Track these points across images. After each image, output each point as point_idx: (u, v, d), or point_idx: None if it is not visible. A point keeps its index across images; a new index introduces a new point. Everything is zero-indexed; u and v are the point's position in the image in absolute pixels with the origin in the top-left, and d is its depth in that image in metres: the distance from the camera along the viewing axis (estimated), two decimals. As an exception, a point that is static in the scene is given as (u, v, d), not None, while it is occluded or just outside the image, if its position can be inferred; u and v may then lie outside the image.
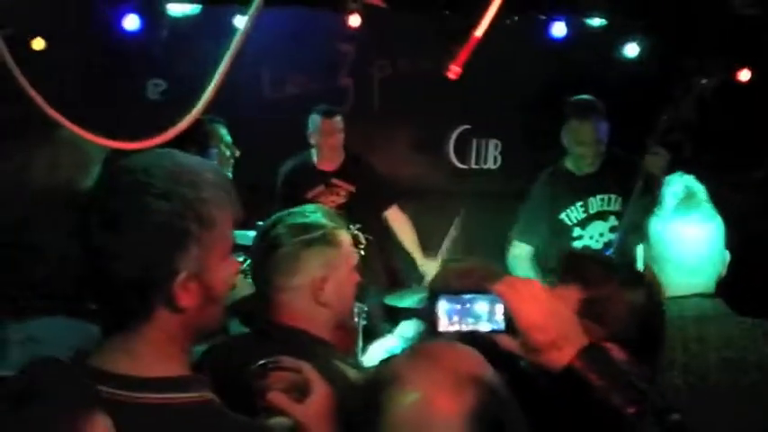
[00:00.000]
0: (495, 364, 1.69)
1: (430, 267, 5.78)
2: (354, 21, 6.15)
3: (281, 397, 1.95)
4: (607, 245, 5.22)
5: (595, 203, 5.23)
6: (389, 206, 6.03)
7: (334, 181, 5.91)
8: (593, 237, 5.23)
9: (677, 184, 3.03)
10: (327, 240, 2.64)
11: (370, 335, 4.83)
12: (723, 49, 5.83)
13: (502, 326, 1.81)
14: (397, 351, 3.52)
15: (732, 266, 2.85)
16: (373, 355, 4.43)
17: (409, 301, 5.13)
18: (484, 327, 1.82)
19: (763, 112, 6.09)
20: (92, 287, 1.73)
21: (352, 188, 5.89)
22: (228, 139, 5.02)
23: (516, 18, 5.90)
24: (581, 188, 5.23)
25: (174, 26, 6.09)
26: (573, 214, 5.22)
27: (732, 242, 2.88)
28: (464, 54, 2.79)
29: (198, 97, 2.50)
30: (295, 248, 2.58)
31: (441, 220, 6.67)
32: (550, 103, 5.43)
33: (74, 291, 2.50)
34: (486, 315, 1.82)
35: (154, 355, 1.69)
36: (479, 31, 2.72)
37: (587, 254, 2.58)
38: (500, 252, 5.48)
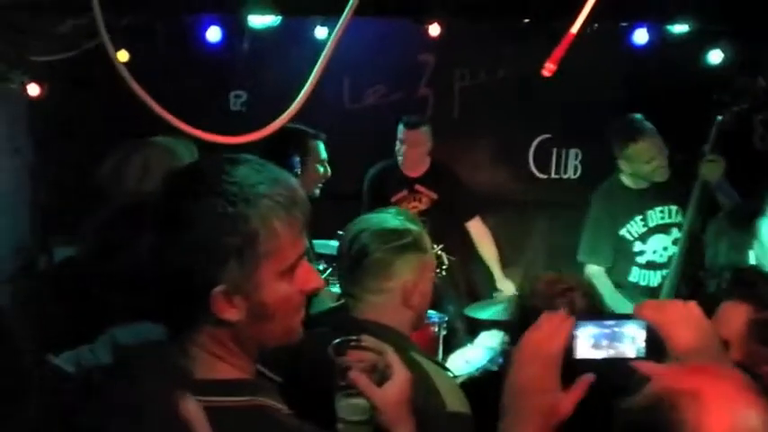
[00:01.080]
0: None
1: (507, 287, 5.76)
2: (434, 30, 6.14)
3: (363, 378, 1.95)
4: (672, 258, 5.13)
5: (655, 216, 5.16)
6: (471, 217, 6.02)
7: (418, 187, 5.93)
8: (657, 251, 5.16)
9: None
10: (418, 246, 2.69)
11: (451, 345, 4.82)
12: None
13: (644, 352, 1.76)
14: (481, 361, 3.51)
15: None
16: (454, 364, 4.42)
17: (489, 312, 5.10)
18: (629, 352, 1.77)
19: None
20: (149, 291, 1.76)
21: (434, 196, 5.91)
22: (324, 156, 5.07)
23: (597, 25, 5.82)
24: (639, 201, 5.18)
25: (255, 38, 6.16)
26: (633, 229, 5.16)
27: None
28: (559, 52, 2.77)
29: (283, 106, 2.53)
30: (388, 254, 2.64)
31: (520, 230, 6.64)
32: (631, 112, 5.36)
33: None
34: (630, 341, 1.77)
35: (205, 359, 1.71)
36: (575, 29, 2.70)
37: (763, 272, 2.51)
38: (576, 262, 5.43)
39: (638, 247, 5.16)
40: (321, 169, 5.08)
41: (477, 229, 6.05)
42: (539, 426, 1.69)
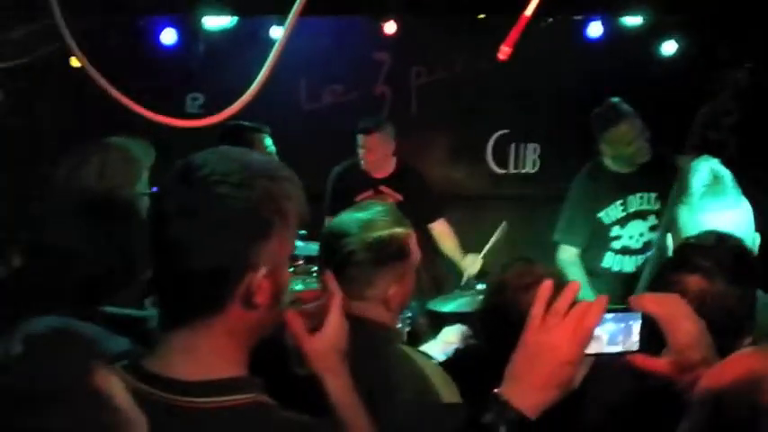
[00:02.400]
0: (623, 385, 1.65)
1: (470, 262, 5.75)
2: (390, 28, 6.15)
3: (298, 321, 1.92)
4: (647, 244, 5.16)
5: (635, 202, 5.17)
6: (435, 219, 6.01)
7: (383, 188, 5.90)
8: (633, 236, 5.17)
9: (703, 170, 3.00)
10: (403, 252, 2.67)
11: (415, 340, 4.82)
12: (762, 44, 5.77)
13: (638, 345, 1.74)
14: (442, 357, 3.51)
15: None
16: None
17: (452, 306, 5.11)
18: (631, 346, 1.74)
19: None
20: (160, 280, 1.69)
21: (399, 197, 5.87)
22: (272, 149, 5.05)
23: (551, 20, 5.86)
24: (621, 186, 5.17)
25: (210, 39, 6.14)
26: (612, 213, 5.16)
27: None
28: (514, 35, 2.78)
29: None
30: (373, 265, 2.61)
31: (480, 225, 6.65)
32: (589, 105, 5.39)
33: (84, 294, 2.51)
34: (628, 334, 1.74)
35: (216, 354, 1.66)
36: (529, 11, 2.71)
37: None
38: (540, 256, 5.44)
39: (615, 231, 5.16)
40: None
41: (441, 231, 6.04)
42: (553, 397, 1.67)
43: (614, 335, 1.72)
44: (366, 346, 2.32)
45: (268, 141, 5.15)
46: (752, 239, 2.96)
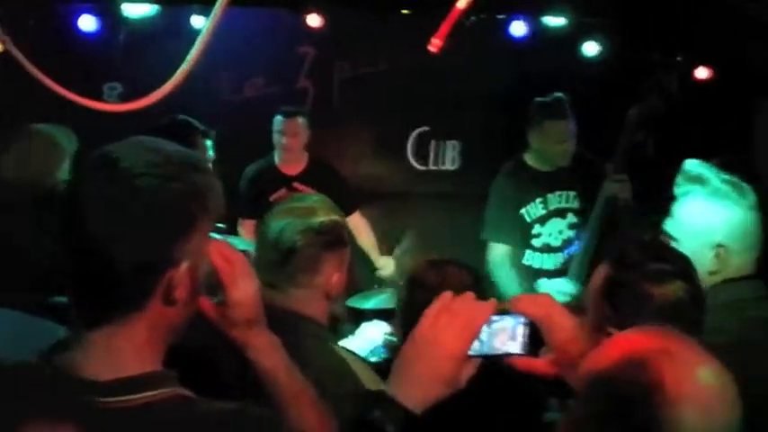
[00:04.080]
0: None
1: (386, 264, 5.77)
2: (314, 21, 6.12)
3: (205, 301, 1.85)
4: (566, 242, 5.22)
5: (554, 200, 5.21)
6: (351, 213, 5.99)
7: (296, 185, 5.87)
8: (552, 234, 5.22)
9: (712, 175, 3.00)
10: (343, 240, 2.70)
11: (334, 337, 4.81)
12: (682, 47, 5.88)
13: (527, 348, 1.74)
14: (363, 353, 3.52)
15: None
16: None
17: (373, 302, 5.12)
18: (514, 349, 1.73)
19: (721, 108, 6.16)
20: (78, 277, 1.61)
21: (313, 193, 5.84)
22: (211, 154, 4.98)
23: (474, 18, 5.89)
24: (541, 184, 5.21)
25: (130, 28, 6.03)
26: (532, 210, 5.20)
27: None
28: (446, 27, 2.78)
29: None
30: (318, 251, 2.61)
31: (400, 221, 6.67)
32: (509, 104, 5.44)
33: (28, 284, 2.46)
34: (513, 337, 1.73)
35: (135, 352, 1.61)
36: (461, 4, 2.71)
37: (638, 236, 2.53)
38: (459, 253, 5.45)
39: (536, 229, 5.20)
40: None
41: (357, 224, 6.02)
42: (437, 393, 1.66)
43: (501, 336, 1.72)
44: (294, 345, 2.31)
45: (209, 146, 5.10)
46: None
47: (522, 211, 5.19)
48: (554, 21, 6.35)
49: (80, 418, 1.52)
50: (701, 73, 6.42)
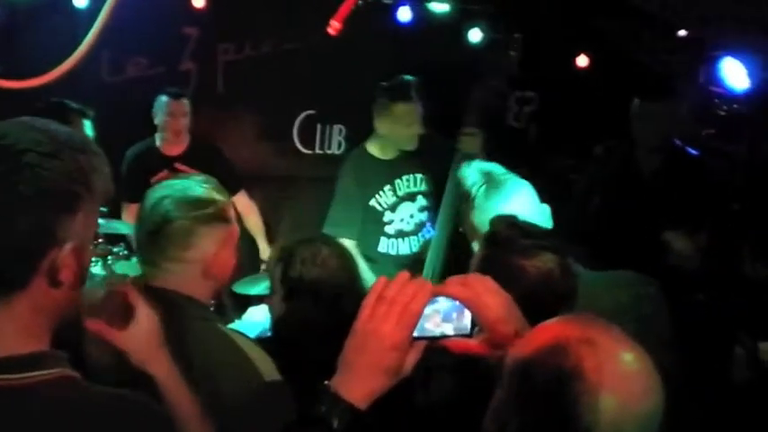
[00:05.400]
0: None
1: (267, 249, 5.75)
2: (198, 2, 6.04)
3: (101, 326, 1.91)
4: (419, 225, 5.26)
5: (402, 185, 5.24)
6: (235, 193, 5.94)
7: (178, 166, 5.80)
8: (404, 219, 5.24)
9: (472, 174, 3.12)
10: (221, 217, 2.64)
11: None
12: (562, 36, 5.99)
13: (467, 329, 1.76)
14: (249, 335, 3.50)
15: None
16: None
17: (258, 288, 5.08)
18: (448, 330, 1.74)
19: (599, 95, 6.30)
20: None
21: (195, 173, 5.76)
22: (90, 133, 4.87)
23: (361, 3, 5.89)
24: (388, 171, 5.23)
25: (10, 7, 5.83)
26: (383, 199, 5.22)
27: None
28: (345, 9, 2.77)
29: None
30: (190, 223, 2.56)
31: (286, 204, 6.66)
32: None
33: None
34: (453, 316, 1.75)
35: (19, 332, 1.58)
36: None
37: (512, 217, 2.60)
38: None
39: (387, 216, 5.22)
40: None
41: (243, 204, 6.00)
42: (381, 385, 1.65)
43: (434, 318, 1.73)
44: (182, 326, 2.29)
45: (87, 126, 4.97)
46: (543, 212, 3.10)
47: (372, 202, 5.19)
48: (439, 7, 6.39)
49: None
50: (582, 61, 6.56)
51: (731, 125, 5.54)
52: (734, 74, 4.95)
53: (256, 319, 4.54)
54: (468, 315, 1.75)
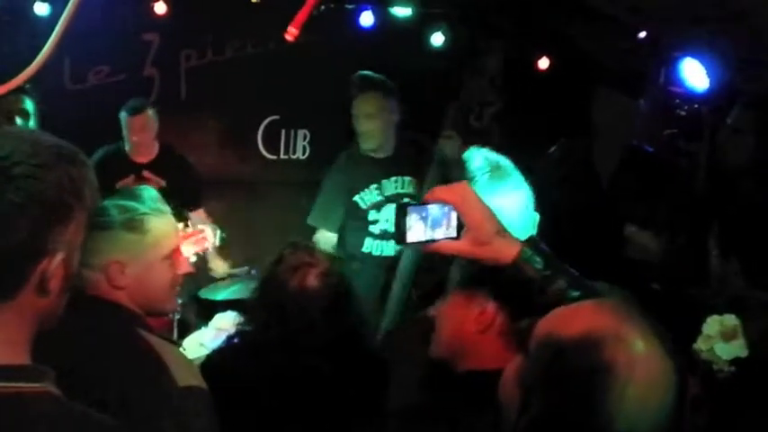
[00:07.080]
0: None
1: (218, 265, 5.68)
2: (159, 8, 6.03)
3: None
4: None
5: (389, 186, 5.28)
6: (195, 208, 5.87)
7: (145, 173, 5.76)
8: (389, 219, 5.26)
9: (478, 158, 3.13)
10: (129, 226, 2.56)
11: (184, 329, 4.77)
12: (523, 38, 6.03)
13: (455, 233, 1.93)
14: (215, 343, 3.51)
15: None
16: (188, 348, 4.38)
17: (225, 293, 5.08)
18: (440, 234, 1.92)
19: (559, 97, 6.36)
20: None
21: (162, 182, 5.74)
22: (31, 109, 4.83)
23: (324, 8, 5.90)
24: (376, 170, 5.28)
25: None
26: (367, 197, 5.25)
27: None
28: (302, 15, 2.78)
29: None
30: (94, 229, 2.52)
31: (251, 210, 6.65)
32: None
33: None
34: (443, 222, 1.92)
35: (3, 341, 1.56)
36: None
37: None
38: (309, 240, 5.48)
39: (372, 216, 5.24)
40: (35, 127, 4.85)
41: (200, 218, 5.93)
42: None
43: (436, 223, 1.92)
44: (112, 335, 2.28)
45: (29, 104, 4.92)
46: (532, 219, 3.13)
47: (356, 197, 5.23)
48: (401, 11, 6.41)
49: None
50: (543, 63, 6.61)
51: (692, 125, 5.60)
52: (694, 74, 5.02)
53: (222, 326, 4.52)
54: (454, 222, 1.93)
